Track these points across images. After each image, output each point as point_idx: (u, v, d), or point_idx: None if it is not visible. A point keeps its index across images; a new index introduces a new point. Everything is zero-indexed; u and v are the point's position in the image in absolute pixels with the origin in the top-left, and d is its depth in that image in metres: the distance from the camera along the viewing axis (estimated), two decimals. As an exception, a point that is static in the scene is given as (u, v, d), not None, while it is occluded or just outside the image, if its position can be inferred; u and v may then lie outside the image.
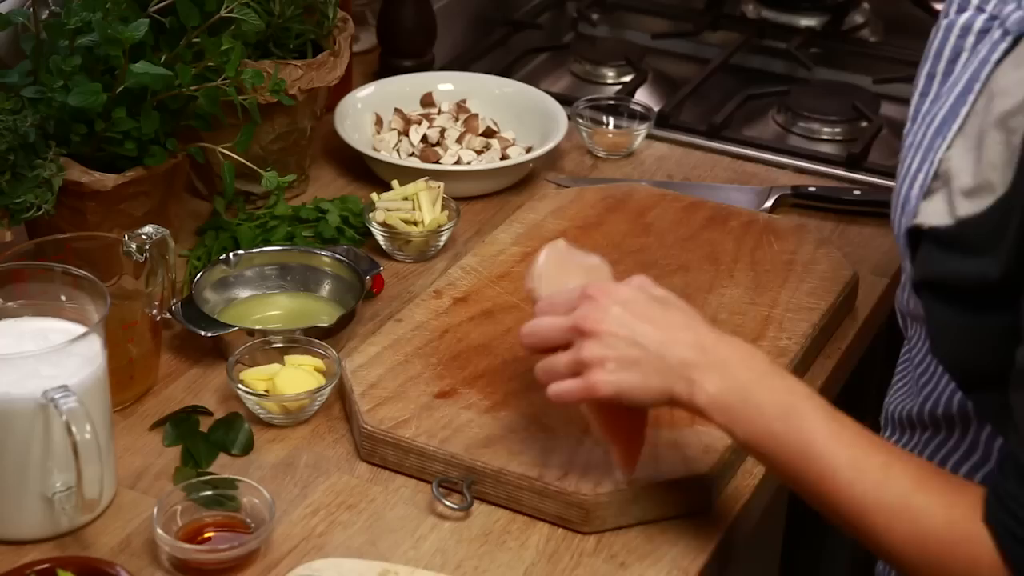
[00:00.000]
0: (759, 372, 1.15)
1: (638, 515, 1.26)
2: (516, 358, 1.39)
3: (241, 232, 1.58)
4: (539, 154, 1.72)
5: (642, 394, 1.16)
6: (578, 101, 1.84)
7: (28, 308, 1.26)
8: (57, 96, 1.41)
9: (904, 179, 1.15)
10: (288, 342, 1.39)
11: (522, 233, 1.58)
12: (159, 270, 1.37)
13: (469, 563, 1.22)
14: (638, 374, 1.16)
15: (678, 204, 1.64)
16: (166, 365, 1.42)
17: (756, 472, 1.32)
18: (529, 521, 1.26)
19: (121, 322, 1.33)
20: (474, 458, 1.27)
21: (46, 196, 1.41)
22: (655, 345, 1.16)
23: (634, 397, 1.17)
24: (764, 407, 1.13)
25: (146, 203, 1.50)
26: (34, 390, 1.17)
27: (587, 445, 1.29)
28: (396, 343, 1.41)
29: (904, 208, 1.14)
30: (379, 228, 1.59)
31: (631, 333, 1.16)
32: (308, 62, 1.62)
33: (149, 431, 1.35)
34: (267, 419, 1.35)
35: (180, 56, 1.47)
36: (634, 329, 1.16)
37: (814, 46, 2.11)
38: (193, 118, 1.51)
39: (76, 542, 1.22)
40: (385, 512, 1.27)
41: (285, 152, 1.67)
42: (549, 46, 2.15)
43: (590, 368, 1.16)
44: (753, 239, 1.58)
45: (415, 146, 1.74)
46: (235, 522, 1.23)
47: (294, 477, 1.30)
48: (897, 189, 1.16)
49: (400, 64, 1.94)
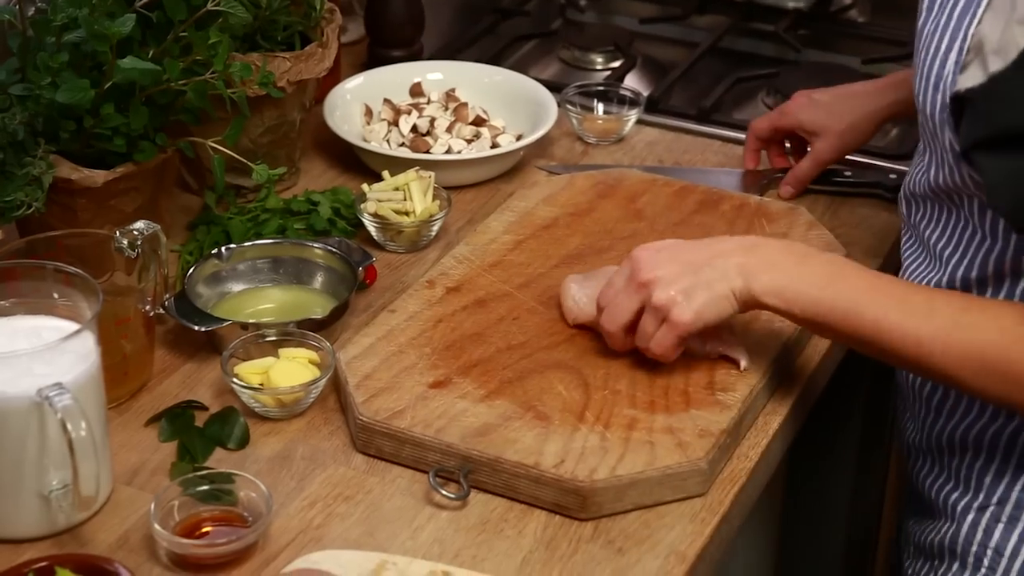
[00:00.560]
0: (799, 255, 1.31)
1: (635, 500, 1.26)
2: (510, 346, 1.39)
3: (232, 226, 1.58)
4: (529, 142, 1.72)
5: (716, 306, 1.30)
6: (567, 88, 1.84)
7: (20, 306, 1.26)
8: (45, 93, 1.40)
9: (929, 63, 1.24)
10: (282, 335, 1.39)
11: (514, 221, 1.58)
12: (151, 265, 1.37)
13: (467, 552, 1.22)
14: (705, 292, 1.29)
15: (669, 189, 1.64)
16: (160, 361, 1.42)
17: (752, 456, 1.32)
18: (526, 509, 1.26)
19: (114, 318, 1.33)
20: (470, 447, 1.27)
21: (36, 194, 1.40)
22: (705, 264, 1.30)
23: (711, 313, 1.30)
24: (810, 281, 1.28)
25: (137, 199, 1.50)
26: (28, 388, 1.16)
27: (583, 431, 1.29)
28: (390, 334, 1.41)
29: (936, 87, 1.23)
30: (371, 219, 1.59)
31: (681, 265, 1.30)
32: (296, 54, 1.62)
33: (144, 427, 1.35)
34: (262, 412, 1.35)
35: (168, 51, 1.47)
36: (682, 260, 1.31)
37: (802, 28, 2.11)
38: (182, 112, 1.50)
39: (74, 539, 1.22)
40: (382, 503, 1.27)
41: (275, 145, 1.66)
42: (537, 33, 2.14)
43: (667, 310, 1.30)
44: (745, 222, 1.58)
45: (405, 136, 1.74)
46: (232, 516, 1.23)
47: (290, 470, 1.30)
48: (922, 74, 1.25)
49: (388, 54, 1.93)
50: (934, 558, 1.37)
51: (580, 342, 1.40)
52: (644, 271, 1.32)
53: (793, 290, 1.28)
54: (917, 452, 1.41)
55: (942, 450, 1.37)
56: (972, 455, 1.33)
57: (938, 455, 1.37)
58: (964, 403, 1.33)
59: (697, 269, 1.30)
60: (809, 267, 1.29)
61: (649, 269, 1.31)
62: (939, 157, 1.29)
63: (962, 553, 1.33)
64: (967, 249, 1.31)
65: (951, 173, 1.28)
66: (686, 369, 1.37)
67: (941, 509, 1.36)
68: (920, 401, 1.39)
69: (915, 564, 1.41)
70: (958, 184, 1.28)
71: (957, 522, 1.34)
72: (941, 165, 1.29)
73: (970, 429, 1.33)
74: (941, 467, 1.37)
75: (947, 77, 1.22)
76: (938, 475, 1.38)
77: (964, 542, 1.33)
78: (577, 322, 1.42)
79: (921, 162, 1.36)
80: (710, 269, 1.30)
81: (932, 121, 1.26)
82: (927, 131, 1.29)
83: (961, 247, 1.31)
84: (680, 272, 1.30)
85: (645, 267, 1.32)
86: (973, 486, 1.33)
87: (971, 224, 1.30)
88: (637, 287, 1.32)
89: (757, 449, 1.33)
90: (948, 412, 1.35)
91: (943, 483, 1.37)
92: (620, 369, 1.37)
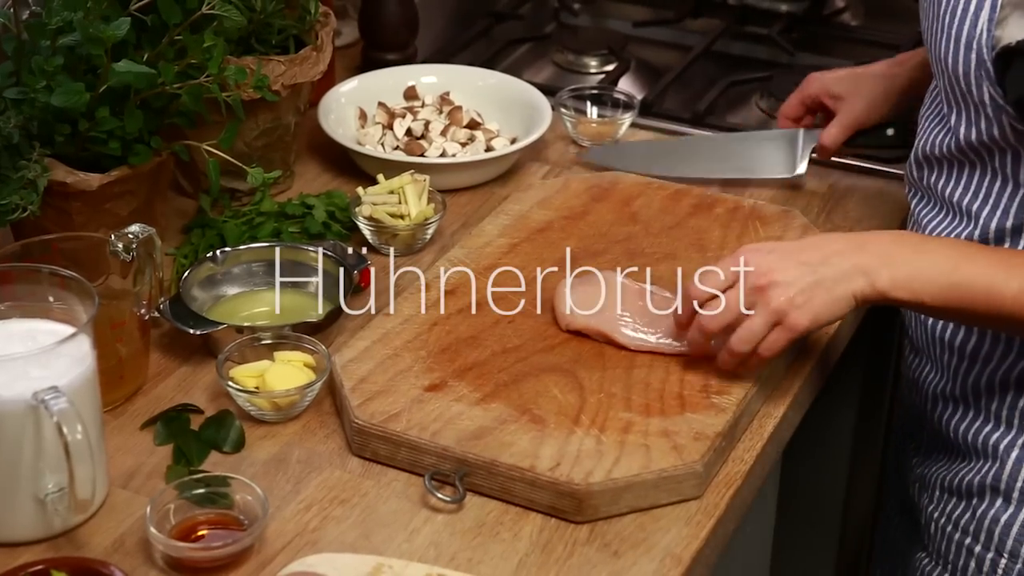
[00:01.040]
0: (913, 244, 1.32)
1: (630, 503, 1.26)
2: (505, 350, 1.39)
3: (227, 229, 1.58)
4: (524, 145, 1.72)
5: (833, 308, 1.29)
6: (561, 91, 1.84)
7: (15, 310, 1.26)
8: (40, 96, 1.40)
9: (958, 24, 1.27)
10: (277, 338, 1.39)
11: (508, 224, 1.58)
12: (146, 269, 1.37)
13: (463, 555, 1.22)
14: (824, 295, 1.28)
15: (663, 192, 1.65)
16: (155, 364, 1.42)
17: (747, 459, 1.32)
18: (522, 512, 1.26)
19: (109, 322, 1.33)
20: (466, 450, 1.28)
21: (31, 197, 1.40)
22: (821, 264, 1.29)
23: (828, 316, 1.30)
24: (938, 269, 1.28)
25: (132, 202, 1.50)
26: (24, 392, 1.16)
27: (578, 435, 1.29)
28: (385, 337, 1.41)
29: (969, 46, 1.26)
30: (366, 222, 1.59)
31: (797, 266, 1.29)
32: (291, 57, 1.62)
33: (140, 430, 1.35)
34: (258, 416, 1.35)
35: (162, 54, 1.47)
36: (797, 261, 1.30)
37: (795, 31, 2.11)
38: (177, 116, 1.50)
39: (70, 543, 1.22)
40: (378, 506, 1.27)
41: (269, 148, 1.66)
42: (531, 37, 2.15)
43: (784, 314, 1.29)
44: (739, 225, 1.58)
45: (400, 139, 1.74)
46: (228, 519, 1.23)
47: (286, 473, 1.30)
48: (949, 37, 1.28)
49: (383, 58, 1.94)
50: (972, 496, 1.40)
51: (575, 345, 1.41)
52: (760, 274, 1.30)
53: (921, 280, 1.28)
54: (947, 400, 1.44)
55: (979, 394, 1.39)
56: (1014, 395, 1.36)
57: (974, 400, 1.40)
58: (1001, 347, 1.37)
59: (815, 270, 1.29)
60: (930, 254, 1.29)
61: (765, 272, 1.30)
62: (972, 115, 1.32)
63: (1006, 490, 1.37)
64: (998, 200, 1.34)
65: (989, 127, 1.30)
66: (681, 372, 1.37)
67: (980, 451, 1.39)
68: (950, 351, 1.41)
69: (943, 506, 1.44)
70: (995, 138, 1.31)
71: (1000, 460, 1.37)
72: (975, 122, 1.32)
73: (1011, 370, 1.36)
74: (978, 411, 1.40)
75: (980, 35, 1.25)
76: (974, 419, 1.40)
77: (1009, 479, 1.36)
78: (570, 328, 1.42)
79: (942, 125, 1.38)
80: (827, 269, 1.29)
81: (964, 80, 1.29)
82: (956, 91, 1.31)
83: (991, 199, 1.34)
84: (798, 275, 1.29)
85: (760, 269, 1.30)
86: (1017, 424, 1.36)
87: (1000, 176, 1.33)
88: (752, 290, 1.30)
89: (752, 452, 1.33)
90: (984, 357, 1.38)
91: (981, 425, 1.39)
92: (615, 373, 1.37)
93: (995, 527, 1.38)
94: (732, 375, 1.36)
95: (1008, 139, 1.30)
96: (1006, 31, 1.24)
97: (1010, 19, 1.24)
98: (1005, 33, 1.24)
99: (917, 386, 1.50)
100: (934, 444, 1.49)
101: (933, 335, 1.43)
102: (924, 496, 1.48)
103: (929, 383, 1.47)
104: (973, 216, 1.36)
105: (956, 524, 1.42)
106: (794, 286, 1.29)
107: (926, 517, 1.47)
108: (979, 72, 1.27)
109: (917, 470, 1.51)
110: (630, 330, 1.40)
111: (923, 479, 1.49)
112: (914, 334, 1.48)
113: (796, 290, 1.29)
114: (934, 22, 1.32)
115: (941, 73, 1.33)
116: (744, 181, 1.72)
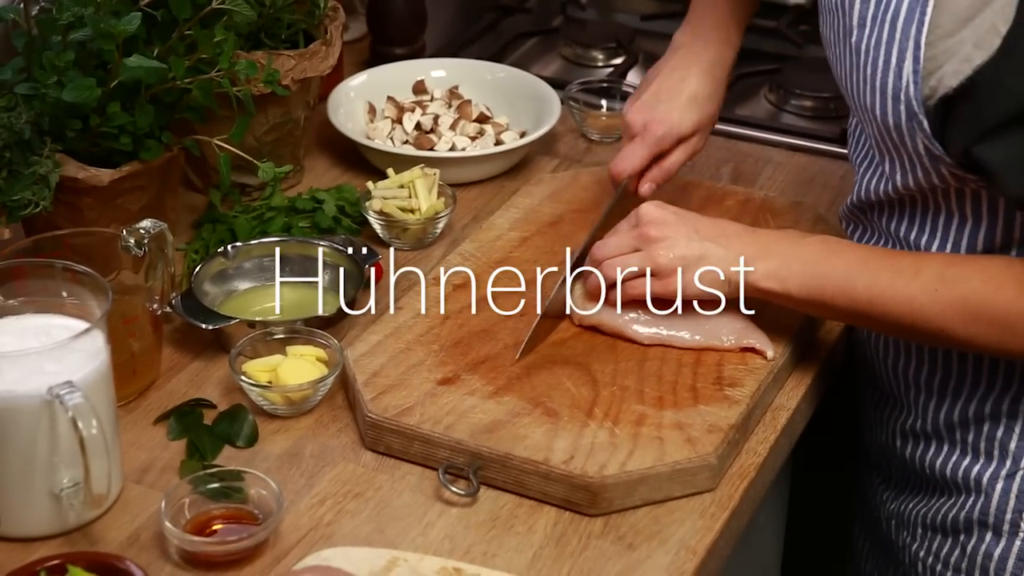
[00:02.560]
0: (792, 238, 1.35)
1: (644, 496, 1.26)
2: (517, 343, 1.39)
3: (238, 224, 1.58)
4: (533, 139, 1.72)
5: (704, 284, 1.34)
6: (570, 85, 1.84)
7: (29, 305, 1.26)
8: (51, 92, 1.40)
9: (881, 77, 1.25)
10: (289, 333, 1.39)
11: (519, 218, 1.58)
12: (158, 264, 1.37)
13: (478, 548, 1.22)
14: (700, 269, 1.33)
15: (673, 185, 1.64)
16: (168, 359, 1.42)
17: (760, 451, 1.32)
18: (536, 505, 1.26)
19: (122, 317, 1.33)
20: (479, 444, 1.28)
21: (43, 193, 1.40)
22: (710, 242, 1.34)
23: (696, 290, 1.34)
24: (804, 259, 1.31)
25: (142, 197, 1.50)
26: (39, 387, 1.16)
27: (592, 428, 1.29)
28: (397, 331, 1.41)
29: (897, 98, 1.24)
30: (376, 216, 1.59)
31: (689, 232, 1.34)
32: (300, 52, 1.62)
33: (153, 425, 1.35)
34: (271, 410, 1.35)
35: (173, 49, 1.47)
36: (691, 227, 1.35)
37: (804, 24, 2.10)
38: (187, 111, 1.50)
39: (84, 538, 1.22)
40: (392, 500, 1.27)
41: (279, 143, 1.66)
42: (539, 30, 2.14)
43: (664, 273, 1.35)
44: (750, 218, 1.58)
45: (409, 134, 1.74)
46: (243, 514, 1.23)
47: (300, 467, 1.30)
48: (873, 89, 1.26)
49: (391, 52, 1.94)
50: (959, 533, 1.37)
51: (588, 338, 1.41)
52: (656, 225, 1.36)
53: (789, 271, 1.31)
54: (918, 437, 1.41)
55: (953, 429, 1.37)
56: (991, 426, 1.34)
57: (948, 434, 1.38)
58: (970, 380, 1.35)
59: (703, 244, 1.34)
60: (802, 247, 1.33)
61: (659, 226, 1.35)
62: (906, 163, 1.29)
63: (995, 523, 1.34)
64: (947, 234, 1.32)
65: (927, 175, 1.28)
66: (694, 365, 1.37)
67: (961, 485, 1.37)
68: (916, 387, 1.40)
69: (928, 544, 1.41)
70: (934, 183, 1.28)
71: (985, 494, 1.34)
72: (911, 170, 1.29)
73: (984, 403, 1.34)
74: (952, 445, 1.38)
75: (906, 87, 1.23)
76: (950, 453, 1.38)
77: (997, 511, 1.34)
78: (583, 324, 1.42)
79: (875, 171, 1.36)
80: (714, 247, 1.34)
81: (896, 132, 1.26)
82: (887, 142, 1.29)
83: (939, 233, 1.33)
84: (687, 242, 1.34)
85: (657, 222, 1.36)
86: (997, 456, 1.34)
87: (945, 210, 1.31)
88: (643, 237, 1.36)
89: (766, 444, 1.33)
90: (953, 392, 1.36)
91: (959, 460, 1.37)
92: (628, 365, 1.37)
93: (989, 563, 1.35)
94: (746, 368, 1.36)
95: (949, 182, 1.28)
96: (940, 80, 1.21)
97: (944, 67, 1.20)
98: (940, 82, 1.21)
99: (880, 423, 1.47)
100: (906, 479, 1.46)
101: (896, 372, 1.42)
102: (904, 534, 1.45)
103: (895, 420, 1.44)
104: (924, 249, 1.34)
105: (945, 563, 1.39)
106: (679, 249, 1.34)
107: (910, 556, 1.43)
108: (911, 124, 1.24)
109: (890, 506, 1.48)
110: (642, 326, 1.40)
111: (900, 516, 1.45)
112: (875, 373, 1.45)
113: (679, 253, 1.34)
114: (854, 72, 1.29)
115: (869, 122, 1.30)
116: (754, 174, 1.72)
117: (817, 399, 1.45)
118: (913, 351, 1.39)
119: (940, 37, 1.20)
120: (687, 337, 1.39)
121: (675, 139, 1.52)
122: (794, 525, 1.69)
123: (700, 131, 1.54)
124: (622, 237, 1.39)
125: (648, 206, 1.38)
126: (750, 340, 1.38)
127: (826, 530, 1.72)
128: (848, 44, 1.29)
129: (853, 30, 1.28)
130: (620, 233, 1.40)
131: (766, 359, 1.37)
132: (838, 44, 1.32)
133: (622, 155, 1.52)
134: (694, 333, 1.38)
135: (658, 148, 1.52)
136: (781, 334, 1.40)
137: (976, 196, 1.28)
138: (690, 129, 1.53)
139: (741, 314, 1.38)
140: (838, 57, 1.32)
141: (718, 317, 1.38)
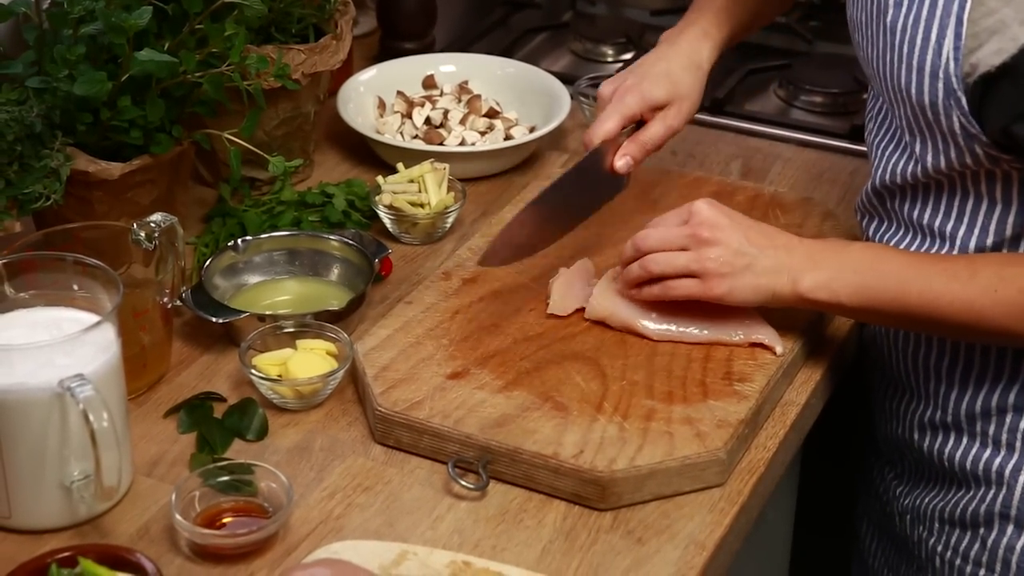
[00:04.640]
0: (837, 247, 1.33)
1: (654, 491, 1.26)
2: (527, 337, 1.40)
3: (248, 218, 1.58)
4: (543, 133, 1.72)
5: (748, 295, 1.33)
6: (579, 80, 1.84)
7: (40, 298, 1.26)
8: (62, 86, 1.41)
9: (919, 54, 1.25)
10: (299, 327, 1.39)
11: (529, 213, 1.58)
12: (168, 258, 1.37)
13: (487, 542, 1.22)
14: (749, 278, 1.33)
15: (682, 180, 1.65)
16: (178, 352, 1.43)
17: (770, 446, 1.32)
18: (545, 499, 1.26)
19: (132, 310, 1.33)
20: (489, 438, 1.28)
21: (54, 186, 1.41)
22: (759, 251, 1.33)
23: (741, 298, 1.34)
24: (853, 268, 1.30)
25: (153, 191, 1.50)
26: (50, 379, 1.17)
27: (601, 422, 1.29)
28: (407, 325, 1.41)
29: (935, 75, 1.24)
30: (386, 211, 1.59)
31: (741, 238, 1.33)
32: (311, 46, 1.62)
33: (163, 418, 1.35)
34: (281, 404, 1.36)
35: (184, 43, 1.47)
36: (743, 234, 1.33)
37: (813, 19, 2.11)
38: (198, 105, 1.51)
39: (95, 530, 1.23)
40: (402, 493, 1.27)
41: (289, 137, 1.67)
42: (548, 25, 2.14)
43: (709, 276, 1.33)
44: (759, 213, 1.58)
45: (419, 128, 1.74)
46: (253, 507, 1.23)
47: (310, 461, 1.30)
48: (910, 67, 1.26)
49: (401, 47, 1.94)
50: (979, 526, 1.37)
51: (597, 333, 1.41)
52: (708, 227, 1.34)
53: (840, 281, 1.30)
54: (936, 429, 1.41)
55: (973, 420, 1.37)
56: (1014, 417, 1.34)
57: (968, 426, 1.37)
58: (992, 369, 1.35)
59: (753, 253, 1.33)
60: (850, 256, 1.32)
61: (712, 227, 1.33)
62: (940, 144, 1.29)
63: (1018, 516, 1.34)
64: (975, 219, 1.32)
65: (960, 156, 1.28)
66: (703, 360, 1.37)
67: (982, 478, 1.36)
68: (937, 377, 1.39)
69: (946, 538, 1.40)
70: (968, 164, 1.28)
71: (1007, 486, 1.34)
72: (944, 150, 1.30)
73: (1007, 393, 1.34)
74: (972, 437, 1.37)
75: (946, 64, 1.23)
76: (969, 446, 1.37)
77: (1019, 504, 1.33)
78: (592, 318, 1.42)
79: (902, 153, 1.36)
80: (763, 258, 1.33)
81: (931, 110, 1.26)
82: (920, 121, 1.29)
83: (966, 219, 1.32)
84: (738, 249, 1.33)
85: (710, 223, 1.34)
86: (1019, 447, 1.34)
87: (974, 195, 1.31)
88: (694, 238, 1.34)
89: (775, 439, 1.33)
90: (976, 382, 1.36)
91: (979, 452, 1.36)
92: (638, 360, 1.37)
93: (1011, 555, 1.35)
94: (755, 363, 1.36)
95: (982, 163, 1.28)
96: (981, 58, 1.21)
97: (986, 45, 1.21)
98: (981, 60, 1.21)
99: (896, 417, 1.47)
100: (921, 473, 1.45)
101: (916, 362, 1.41)
102: (919, 528, 1.44)
103: (912, 413, 1.44)
104: (948, 237, 1.34)
105: (965, 556, 1.38)
106: (729, 256, 1.33)
107: (926, 551, 1.43)
108: (948, 102, 1.25)
109: (904, 501, 1.47)
110: (652, 321, 1.40)
111: (916, 511, 1.45)
112: (892, 365, 1.45)
113: (729, 260, 1.32)
114: (888, 52, 1.29)
115: (901, 103, 1.30)
116: (764, 169, 1.71)
117: (827, 394, 1.45)
118: (935, 341, 1.39)
119: (983, 15, 1.21)
120: (696, 332, 1.39)
121: (646, 105, 1.49)
122: (803, 520, 1.69)
123: (675, 102, 1.50)
124: (670, 232, 1.36)
125: (702, 204, 1.35)
126: (759, 336, 1.38)
127: (835, 525, 1.72)
128: (882, 24, 1.29)
129: (889, 9, 1.28)
130: (668, 227, 1.37)
131: (775, 355, 1.37)
132: (869, 25, 1.32)
133: (593, 124, 1.49)
134: (703, 328, 1.38)
135: (628, 112, 1.48)
136: (791, 329, 1.40)
137: (1007, 178, 1.28)
138: (663, 97, 1.49)
139: (750, 310, 1.38)
140: (868, 38, 1.32)
141: (728, 313, 1.38)
